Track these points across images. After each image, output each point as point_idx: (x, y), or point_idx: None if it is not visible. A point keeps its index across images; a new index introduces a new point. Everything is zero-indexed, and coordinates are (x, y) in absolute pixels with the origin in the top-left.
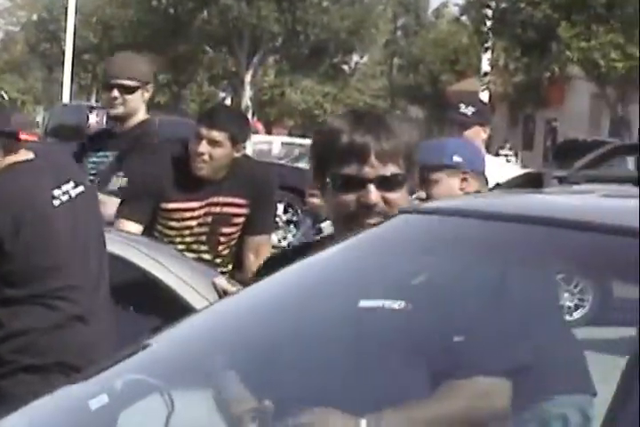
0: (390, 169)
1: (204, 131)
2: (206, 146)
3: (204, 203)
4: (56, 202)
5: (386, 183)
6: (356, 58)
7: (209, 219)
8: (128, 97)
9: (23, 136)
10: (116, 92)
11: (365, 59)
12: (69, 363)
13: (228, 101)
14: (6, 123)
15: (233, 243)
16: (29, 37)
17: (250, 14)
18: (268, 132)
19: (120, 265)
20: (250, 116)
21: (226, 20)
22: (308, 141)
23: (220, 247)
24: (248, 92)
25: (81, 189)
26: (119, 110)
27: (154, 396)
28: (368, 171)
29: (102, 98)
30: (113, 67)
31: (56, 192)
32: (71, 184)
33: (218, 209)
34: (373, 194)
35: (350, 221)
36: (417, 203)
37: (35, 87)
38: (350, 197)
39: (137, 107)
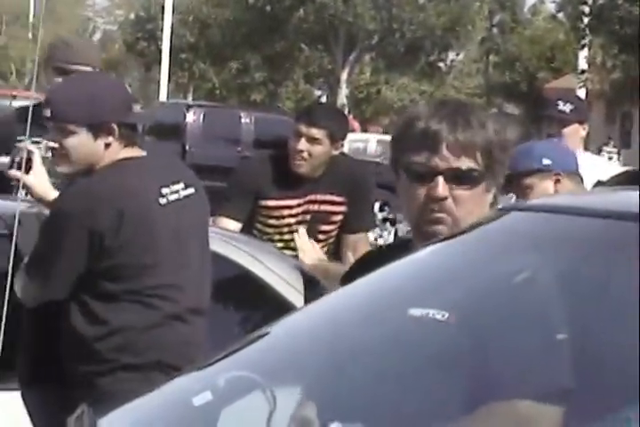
0: (464, 163)
1: (303, 128)
2: (305, 143)
3: (302, 200)
4: (163, 200)
5: (457, 177)
6: (452, 55)
7: (307, 216)
8: None
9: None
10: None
11: (461, 56)
12: (168, 362)
13: (323, 99)
14: (130, 114)
15: (331, 241)
16: (127, 36)
17: (346, 12)
18: (364, 130)
19: (219, 263)
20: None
21: (322, 18)
22: None
23: (319, 245)
24: (344, 90)
25: (191, 190)
26: None
27: (256, 393)
28: (438, 161)
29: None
30: (73, 51)
31: (164, 190)
32: (181, 185)
33: (316, 207)
34: (441, 187)
35: (420, 216)
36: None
37: (132, 86)
38: (420, 190)
39: None
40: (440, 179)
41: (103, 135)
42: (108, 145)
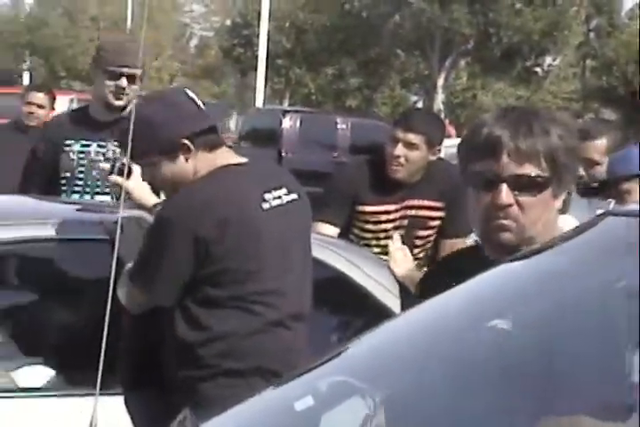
0: (527, 169)
1: (400, 134)
2: (402, 149)
3: (399, 206)
4: (265, 205)
5: (521, 184)
6: (548, 60)
7: (404, 222)
8: (133, 87)
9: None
10: (124, 82)
11: (558, 61)
12: (269, 368)
13: (419, 105)
14: (197, 121)
15: (428, 246)
16: (223, 43)
17: (442, 17)
18: (460, 136)
19: (317, 268)
20: None
21: (418, 23)
22: None
23: (416, 250)
24: (440, 96)
25: (294, 196)
26: (124, 102)
27: (356, 398)
28: (501, 169)
29: (103, 85)
30: (123, 54)
31: (267, 196)
32: (284, 190)
33: (413, 212)
34: (504, 194)
35: (486, 224)
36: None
37: (228, 92)
38: (485, 197)
39: (134, 97)
40: (504, 186)
41: (181, 153)
42: (190, 158)
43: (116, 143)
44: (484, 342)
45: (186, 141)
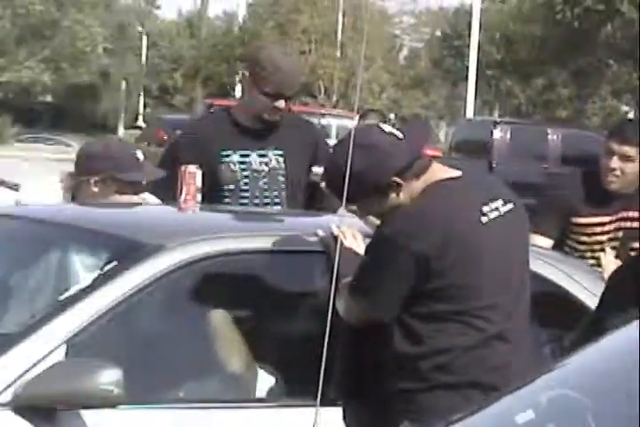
0: None
1: (615, 146)
2: (617, 161)
3: (614, 217)
4: (484, 218)
5: None
6: None
7: (619, 234)
8: (287, 105)
9: (428, 152)
10: (283, 103)
11: None
12: (487, 382)
13: (631, 115)
14: (408, 151)
15: None
16: (433, 53)
17: None
18: None
19: (534, 281)
20: None
21: (630, 33)
22: None
23: None
24: None
25: (510, 206)
26: (278, 117)
27: (577, 412)
28: None
29: (257, 102)
30: (284, 77)
31: (485, 209)
32: (500, 202)
33: (629, 224)
34: None
35: None
36: None
37: (437, 103)
38: None
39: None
40: None
41: (391, 190)
42: (401, 192)
43: (277, 151)
44: None
45: (395, 179)
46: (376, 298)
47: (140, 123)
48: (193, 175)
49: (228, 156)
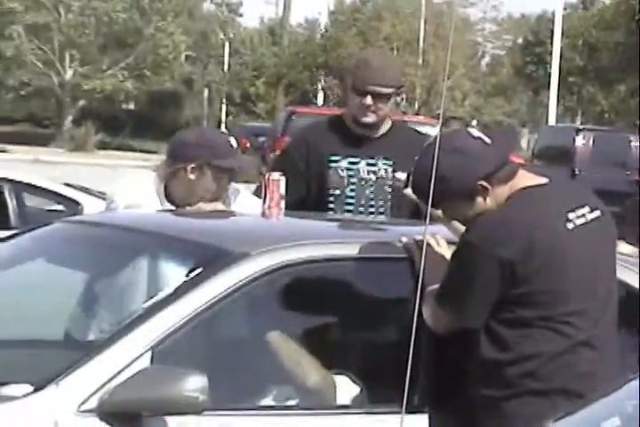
0: None
1: None
2: None
3: None
4: (570, 225)
5: None
6: None
7: None
8: (381, 105)
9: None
10: (369, 100)
11: None
12: (574, 389)
13: None
14: (496, 157)
15: None
16: (515, 60)
17: None
18: None
19: (621, 290)
20: None
21: None
22: None
23: None
24: None
25: (597, 213)
26: (371, 118)
27: None
28: None
29: (351, 103)
30: (372, 72)
31: (571, 215)
32: (587, 209)
33: None
34: None
35: None
36: None
37: (520, 110)
38: None
39: (387, 114)
40: None
41: (478, 195)
42: (487, 197)
43: (386, 161)
44: None
45: (482, 183)
46: (464, 306)
47: (223, 130)
48: (277, 183)
49: (336, 161)
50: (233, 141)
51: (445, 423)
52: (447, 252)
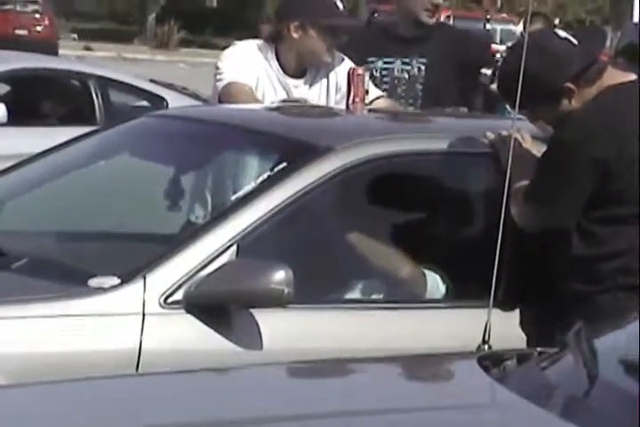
0: None
1: None
2: None
3: None
4: None
5: None
6: None
7: None
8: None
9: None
10: None
11: None
12: None
13: None
14: (583, 58)
15: None
16: None
17: None
18: None
19: None
20: None
21: None
22: None
23: None
24: None
25: None
26: (432, 20)
27: None
28: None
29: (415, 1)
30: None
31: None
32: None
33: None
34: None
35: None
36: None
37: (604, 8)
38: None
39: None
40: None
41: (564, 97)
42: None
43: (422, 59)
44: None
45: (568, 85)
46: (557, 204)
47: None
48: (361, 77)
49: (372, 62)
50: (339, 2)
51: (536, 318)
52: (533, 147)
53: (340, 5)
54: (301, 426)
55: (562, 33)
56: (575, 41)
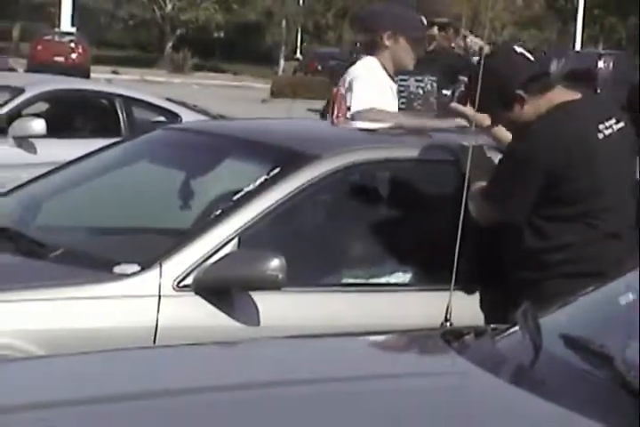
0: None
1: None
2: None
3: None
4: (600, 135)
5: None
6: None
7: None
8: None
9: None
10: (435, 30)
11: None
12: (602, 273)
13: None
14: (532, 69)
15: None
16: None
17: None
18: None
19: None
20: None
21: None
22: None
23: None
24: None
25: (622, 124)
26: (432, 47)
27: None
28: None
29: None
30: (433, 4)
31: (601, 126)
32: (613, 120)
33: None
34: None
35: None
36: None
37: (551, 38)
38: None
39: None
40: None
41: (516, 102)
42: (525, 105)
43: (431, 77)
44: None
45: (519, 92)
46: (509, 202)
47: (298, 55)
48: (342, 96)
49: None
50: (422, 18)
51: (492, 300)
52: (488, 154)
53: (424, 21)
54: (285, 390)
55: (518, 49)
56: (530, 57)
